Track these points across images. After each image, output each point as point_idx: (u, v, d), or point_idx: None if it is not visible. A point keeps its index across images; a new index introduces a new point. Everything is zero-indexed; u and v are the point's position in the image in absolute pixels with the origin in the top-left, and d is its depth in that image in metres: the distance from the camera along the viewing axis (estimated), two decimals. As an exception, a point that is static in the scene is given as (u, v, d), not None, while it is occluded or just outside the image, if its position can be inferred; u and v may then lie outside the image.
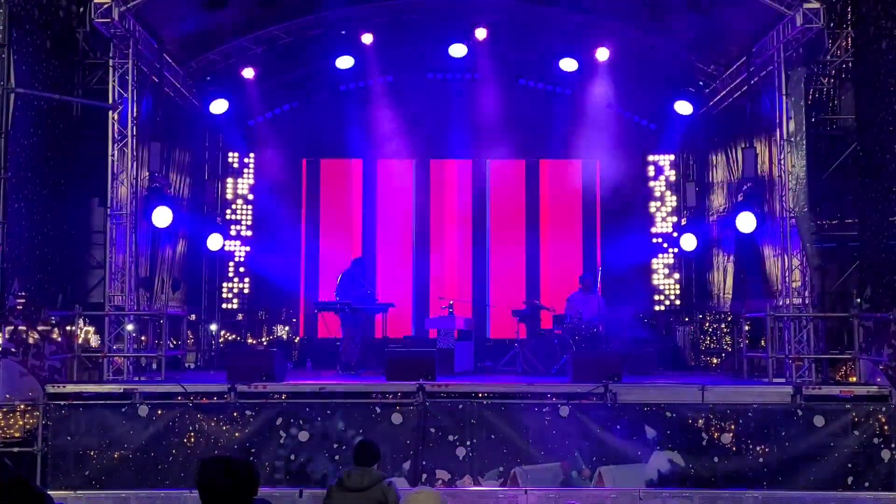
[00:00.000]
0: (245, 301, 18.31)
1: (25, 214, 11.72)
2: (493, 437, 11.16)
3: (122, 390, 11.77)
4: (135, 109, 13.32)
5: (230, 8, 13.74)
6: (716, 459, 11.04)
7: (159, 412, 11.15)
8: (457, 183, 18.53)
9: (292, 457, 11.08)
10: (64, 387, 11.70)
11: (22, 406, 11.13)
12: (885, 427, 11.00)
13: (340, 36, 16.65)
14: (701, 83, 17.20)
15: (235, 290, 18.33)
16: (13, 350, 11.20)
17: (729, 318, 16.80)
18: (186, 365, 16.23)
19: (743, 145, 14.91)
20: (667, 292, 18.56)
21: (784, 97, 13.38)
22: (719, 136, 16.95)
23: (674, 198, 18.62)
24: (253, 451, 11.02)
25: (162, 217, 13.96)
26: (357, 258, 14.67)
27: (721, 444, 11.06)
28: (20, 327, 11.45)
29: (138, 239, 13.39)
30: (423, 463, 11.07)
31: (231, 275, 18.30)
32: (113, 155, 13.04)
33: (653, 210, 18.64)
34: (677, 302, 18.51)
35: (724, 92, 16.25)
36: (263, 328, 18.21)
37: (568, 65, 16.38)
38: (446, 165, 18.55)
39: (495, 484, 11.05)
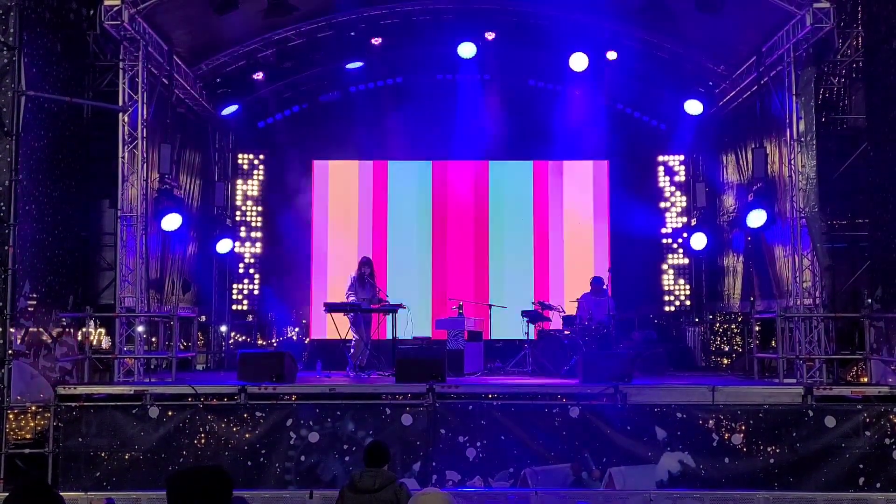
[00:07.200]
0: (255, 302, 18.38)
1: (36, 216, 11.74)
2: (503, 438, 11.15)
3: (132, 392, 11.80)
4: (144, 111, 13.37)
5: (240, 10, 13.76)
6: (726, 460, 11.02)
7: (170, 413, 11.18)
8: (466, 183, 18.53)
9: (302, 458, 11.09)
10: (75, 388, 11.75)
11: (33, 408, 11.17)
12: (897, 427, 10.97)
13: (350, 38, 16.68)
14: (711, 83, 17.15)
15: (245, 292, 18.40)
16: (25, 352, 11.23)
17: (739, 319, 16.77)
18: (197, 366, 16.28)
19: (753, 145, 14.87)
20: (677, 293, 18.54)
21: (794, 97, 13.35)
22: (729, 137, 16.92)
23: (684, 198, 18.61)
24: (263, 452, 11.05)
25: (171, 222, 14.02)
26: (364, 258, 14.65)
27: (732, 445, 11.04)
28: (31, 329, 11.49)
29: (149, 241, 13.43)
30: (434, 464, 11.07)
31: (241, 276, 18.36)
32: (123, 157, 13.09)
33: (663, 210, 18.63)
34: (687, 302, 18.49)
35: (733, 92, 16.20)
36: (273, 329, 18.24)
37: (577, 65, 16.33)
38: (455, 166, 18.54)
39: (506, 485, 11.05)
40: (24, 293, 11.29)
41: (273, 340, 18.06)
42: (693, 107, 16.91)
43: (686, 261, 18.55)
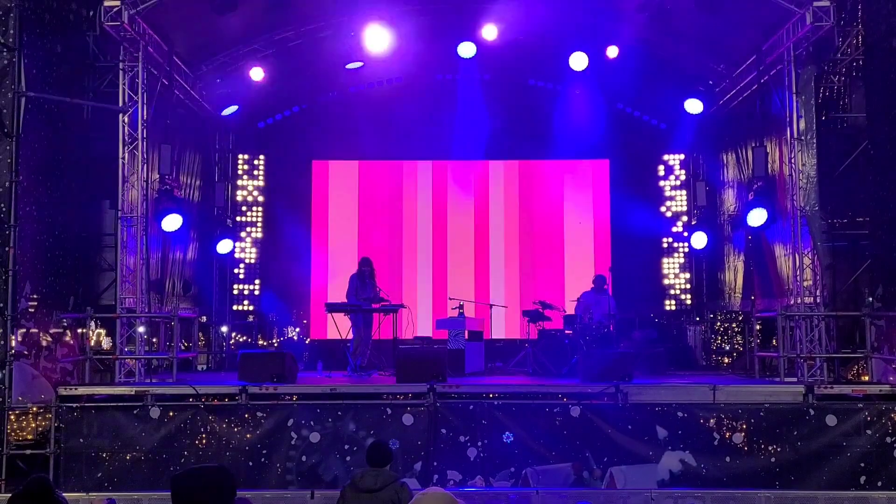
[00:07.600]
0: (255, 302, 18.39)
1: (37, 217, 11.73)
2: (504, 437, 11.15)
3: (133, 392, 11.80)
4: (145, 112, 13.37)
5: (240, 11, 13.76)
6: (727, 459, 11.01)
7: (171, 414, 11.18)
8: (466, 183, 18.54)
9: (303, 458, 11.09)
10: (76, 389, 11.76)
11: (34, 408, 11.17)
12: (898, 426, 10.96)
13: (350, 38, 16.65)
14: (711, 82, 17.14)
15: (246, 292, 18.41)
16: (25, 353, 11.24)
17: (740, 318, 16.77)
18: (198, 367, 16.29)
19: (753, 144, 14.87)
20: (677, 292, 18.53)
21: (794, 95, 13.35)
22: (730, 135, 16.91)
23: (684, 197, 18.60)
24: (264, 452, 11.05)
25: (171, 223, 14.02)
26: (364, 258, 14.66)
27: (733, 444, 11.04)
28: (32, 330, 11.49)
29: (149, 241, 13.44)
30: (435, 464, 11.07)
31: (241, 276, 18.37)
32: (123, 158, 13.09)
33: (663, 209, 18.63)
34: (688, 301, 18.49)
35: (734, 91, 16.20)
36: (274, 330, 18.26)
37: (577, 65, 16.30)
38: (455, 166, 18.55)
39: (507, 484, 11.04)
40: (24, 294, 11.30)
41: (274, 341, 18.07)
42: (693, 105, 16.89)
43: (686, 260, 18.55)
